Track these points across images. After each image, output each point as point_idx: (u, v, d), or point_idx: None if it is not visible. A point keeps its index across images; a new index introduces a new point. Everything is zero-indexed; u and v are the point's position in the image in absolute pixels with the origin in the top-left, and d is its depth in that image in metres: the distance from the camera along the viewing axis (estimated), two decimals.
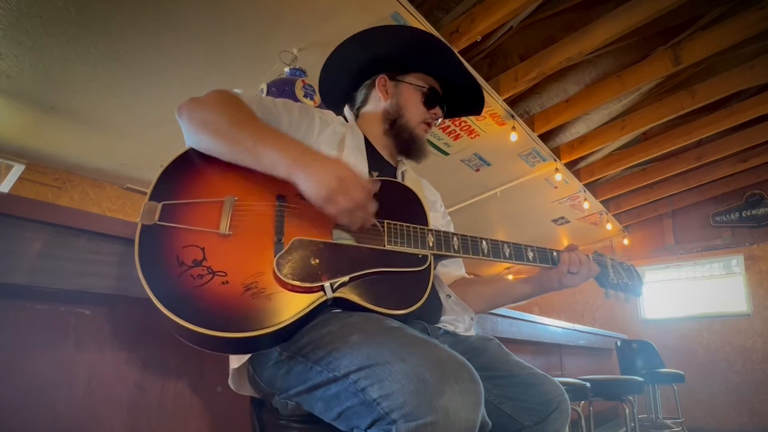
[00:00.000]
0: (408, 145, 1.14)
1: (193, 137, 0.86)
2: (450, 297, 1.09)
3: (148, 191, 0.79)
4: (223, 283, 0.74)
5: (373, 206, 0.83)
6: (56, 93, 3.08)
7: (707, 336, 5.42)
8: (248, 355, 0.87)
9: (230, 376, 0.92)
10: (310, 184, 0.79)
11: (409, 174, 1.20)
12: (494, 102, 3.46)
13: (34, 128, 3.48)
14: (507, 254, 1.04)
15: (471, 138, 3.85)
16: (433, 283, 0.91)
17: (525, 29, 3.46)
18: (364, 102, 1.19)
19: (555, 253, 1.10)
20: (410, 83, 1.15)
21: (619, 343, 4.22)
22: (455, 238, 0.98)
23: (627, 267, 1.24)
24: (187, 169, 0.85)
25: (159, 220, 0.77)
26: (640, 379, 2.94)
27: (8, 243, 0.86)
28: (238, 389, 0.93)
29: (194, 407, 1.15)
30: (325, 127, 1.05)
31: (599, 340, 4.33)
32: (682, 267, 5.88)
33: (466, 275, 1.25)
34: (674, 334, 5.59)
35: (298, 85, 2.48)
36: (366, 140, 1.12)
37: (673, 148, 4.59)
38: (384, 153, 1.16)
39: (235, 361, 0.90)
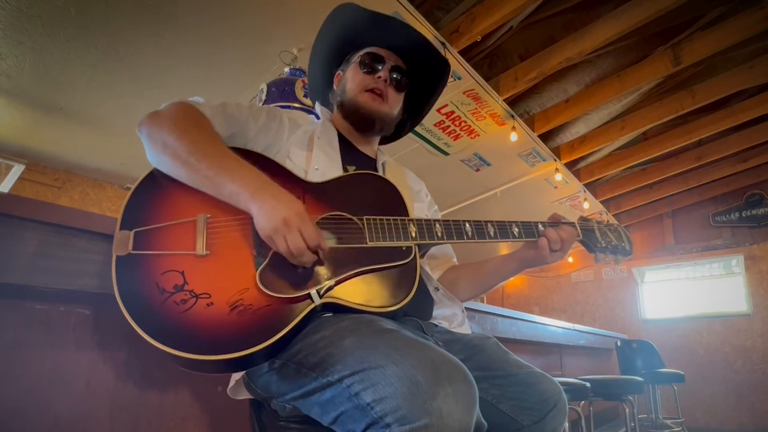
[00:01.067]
0: (356, 118, 1.08)
1: (154, 158, 0.84)
2: (438, 290, 1.09)
3: (118, 220, 0.77)
4: (207, 305, 0.72)
5: (310, 258, 0.78)
6: (56, 93, 3.08)
7: (707, 336, 5.42)
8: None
9: (229, 386, 0.93)
10: (259, 218, 0.77)
11: (390, 165, 1.16)
12: (494, 102, 3.46)
13: (34, 128, 3.48)
14: (492, 234, 1.02)
15: (471, 138, 3.85)
16: (420, 274, 0.90)
17: (525, 29, 3.46)
18: (333, 100, 1.17)
19: (540, 226, 1.09)
20: (353, 62, 1.10)
21: (619, 343, 4.22)
22: (438, 225, 0.96)
23: (614, 228, 1.22)
24: (155, 191, 0.82)
25: (133, 249, 0.74)
26: (640, 379, 2.94)
27: (8, 243, 0.86)
28: (234, 395, 0.93)
29: (194, 407, 1.15)
30: (295, 129, 1.03)
31: (599, 340, 4.33)
32: (682, 267, 5.88)
33: (455, 263, 1.24)
34: (674, 334, 5.59)
35: (298, 85, 2.47)
36: (341, 135, 1.10)
37: (673, 148, 4.59)
38: (360, 146, 1.13)
39: (237, 373, 0.90)
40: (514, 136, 3.69)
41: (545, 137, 4.25)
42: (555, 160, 4.39)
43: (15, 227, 0.87)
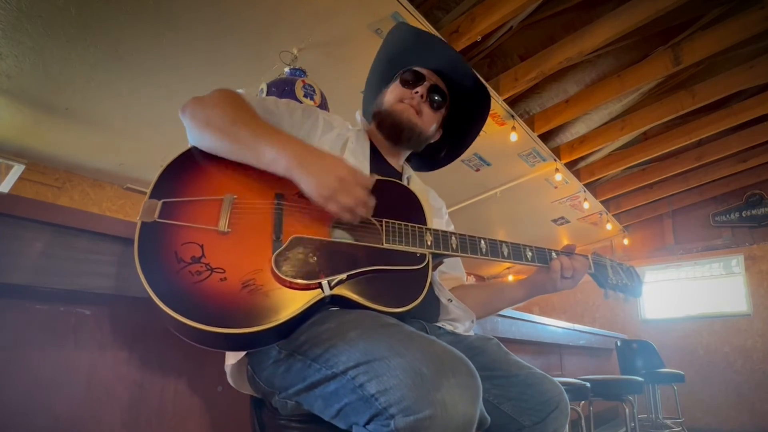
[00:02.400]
0: (386, 125, 1.11)
1: (196, 135, 0.87)
2: (452, 301, 1.09)
3: (149, 189, 0.80)
4: (221, 279, 0.74)
5: (372, 201, 0.84)
6: (56, 93, 3.08)
7: (707, 336, 5.42)
8: (244, 352, 0.87)
9: (228, 374, 0.92)
10: (310, 184, 0.80)
11: (415, 181, 1.20)
12: (494, 102, 3.46)
13: (34, 128, 3.48)
14: (505, 254, 1.03)
15: None
16: (431, 282, 0.91)
17: (525, 29, 3.46)
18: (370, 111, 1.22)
19: (554, 253, 1.10)
20: (396, 78, 1.15)
21: (619, 343, 4.22)
22: (453, 238, 0.98)
23: (627, 268, 1.24)
24: (188, 168, 0.86)
25: (159, 218, 0.77)
26: (640, 379, 2.93)
27: (8, 243, 0.86)
28: (238, 387, 0.93)
29: (194, 407, 1.15)
30: (329, 130, 1.06)
31: (599, 340, 4.33)
32: (682, 267, 5.87)
33: (465, 282, 1.25)
34: (674, 334, 5.59)
35: (298, 85, 2.48)
36: (372, 146, 1.13)
37: (673, 148, 4.59)
38: (388, 157, 1.16)
39: (232, 357, 0.90)
40: (514, 136, 3.69)
41: (545, 137, 4.25)
42: (555, 160, 4.39)
43: (15, 227, 0.87)
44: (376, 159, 1.11)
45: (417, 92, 1.10)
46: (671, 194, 5.75)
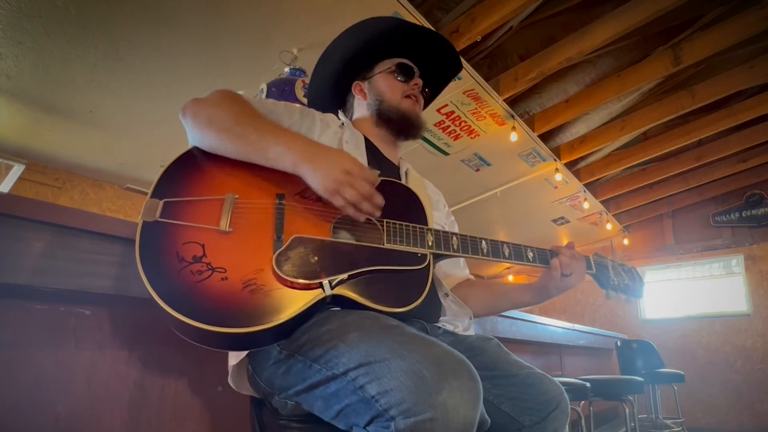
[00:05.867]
0: (401, 124, 1.14)
1: (198, 136, 0.88)
2: (448, 296, 1.09)
3: (150, 189, 0.81)
4: (222, 279, 0.74)
5: (379, 199, 0.84)
6: (56, 93, 3.08)
7: (707, 336, 5.42)
8: (246, 352, 0.87)
9: (230, 374, 0.92)
10: (317, 177, 0.80)
11: (412, 173, 1.19)
12: (494, 102, 3.46)
13: (34, 128, 3.48)
14: (506, 254, 1.03)
15: (471, 138, 3.85)
16: (432, 282, 0.91)
17: (525, 29, 3.46)
18: (353, 111, 1.22)
19: (554, 254, 1.10)
20: (379, 72, 1.17)
21: (619, 343, 4.22)
22: (455, 238, 0.98)
23: (628, 269, 1.24)
24: (189, 168, 0.87)
25: (160, 217, 0.77)
26: (640, 379, 2.94)
27: (8, 243, 0.86)
28: (237, 388, 0.93)
29: (194, 407, 1.15)
30: (326, 129, 1.06)
31: (599, 340, 4.33)
32: (682, 267, 5.87)
33: (471, 277, 1.25)
34: (674, 334, 5.59)
35: (298, 85, 2.48)
36: (366, 140, 1.13)
37: (673, 148, 4.59)
38: (385, 151, 1.16)
39: (234, 357, 0.90)
40: (514, 136, 3.69)
41: (545, 137, 4.25)
42: (555, 160, 4.39)
43: (15, 227, 0.87)
44: (373, 154, 1.11)
45: (416, 84, 1.15)
46: (671, 194, 5.75)
